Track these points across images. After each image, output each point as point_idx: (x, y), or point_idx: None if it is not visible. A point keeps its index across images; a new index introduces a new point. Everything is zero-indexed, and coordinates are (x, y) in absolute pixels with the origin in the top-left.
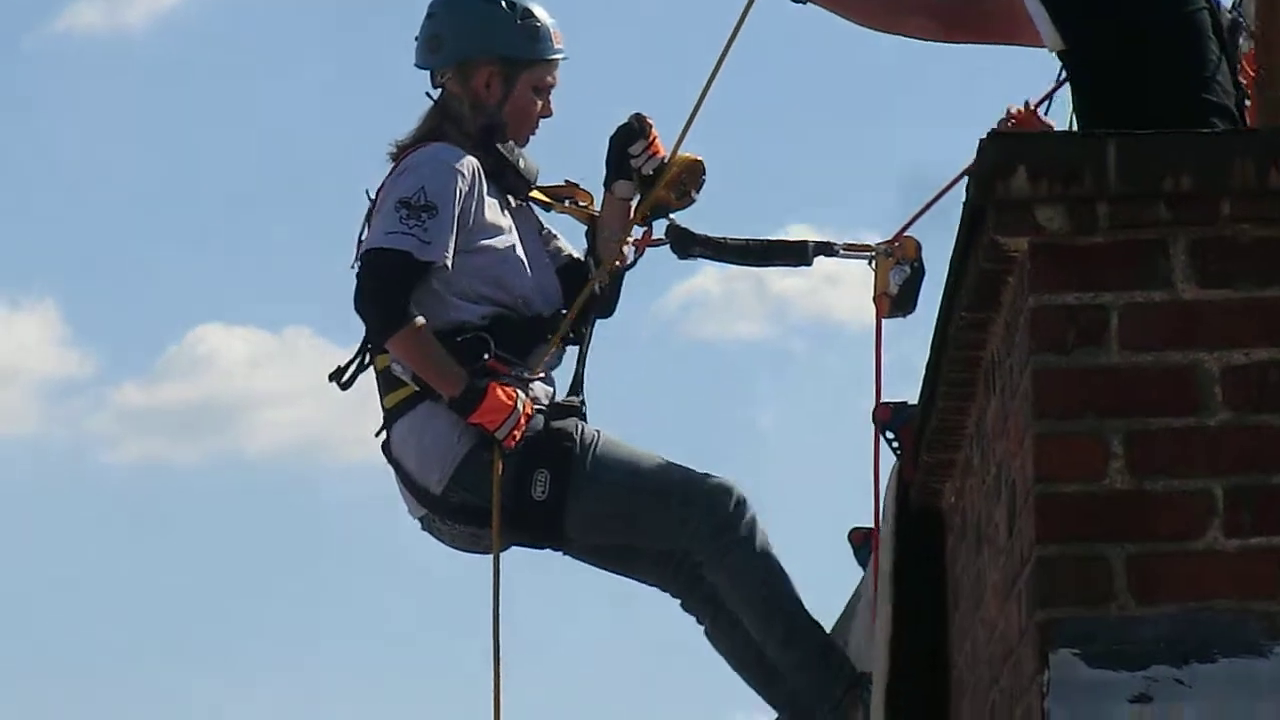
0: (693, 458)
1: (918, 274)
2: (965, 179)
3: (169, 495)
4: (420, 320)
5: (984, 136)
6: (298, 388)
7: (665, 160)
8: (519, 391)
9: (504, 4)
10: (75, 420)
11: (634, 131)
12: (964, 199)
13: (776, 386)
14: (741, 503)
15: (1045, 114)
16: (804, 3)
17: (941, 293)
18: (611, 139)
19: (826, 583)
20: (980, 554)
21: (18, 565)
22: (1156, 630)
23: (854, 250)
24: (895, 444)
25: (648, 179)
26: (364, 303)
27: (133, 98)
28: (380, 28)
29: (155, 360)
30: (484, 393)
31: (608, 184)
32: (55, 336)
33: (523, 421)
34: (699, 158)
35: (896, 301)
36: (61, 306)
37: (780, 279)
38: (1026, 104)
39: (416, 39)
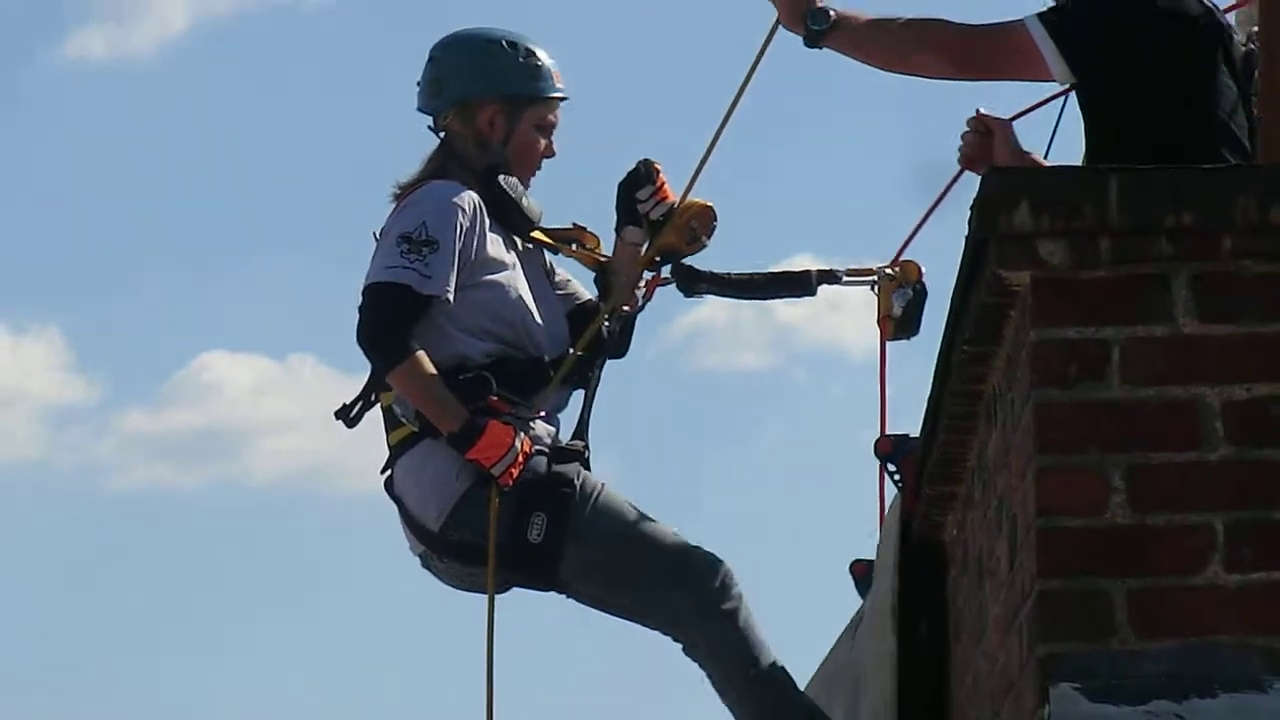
0: (696, 488)
1: (920, 296)
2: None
3: (174, 522)
4: (421, 354)
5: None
6: (302, 415)
7: (674, 205)
8: (518, 430)
9: (505, 44)
10: (80, 447)
11: (641, 177)
12: (968, 225)
13: (780, 416)
14: (729, 577)
15: (1048, 148)
16: (819, 48)
17: (943, 324)
18: (620, 185)
19: (826, 614)
20: (982, 587)
21: (23, 591)
22: (1157, 665)
23: (857, 276)
24: (897, 476)
25: (656, 224)
26: (365, 337)
27: (138, 124)
28: (389, 57)
29: (160, 387)
30: (482, 429)
31: (618, 230)
32: (60, 363)
33: (520, 459)
34: (710, 204)
35: (900, 324)
36: (66, 333)
37: (784, 307)
38: (978, 112)
39: (419, 84)
